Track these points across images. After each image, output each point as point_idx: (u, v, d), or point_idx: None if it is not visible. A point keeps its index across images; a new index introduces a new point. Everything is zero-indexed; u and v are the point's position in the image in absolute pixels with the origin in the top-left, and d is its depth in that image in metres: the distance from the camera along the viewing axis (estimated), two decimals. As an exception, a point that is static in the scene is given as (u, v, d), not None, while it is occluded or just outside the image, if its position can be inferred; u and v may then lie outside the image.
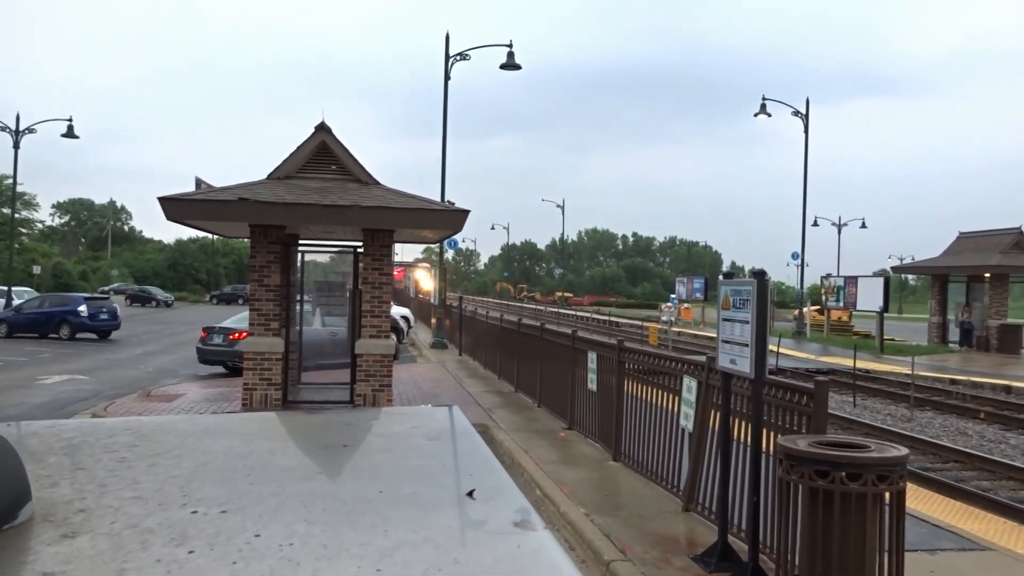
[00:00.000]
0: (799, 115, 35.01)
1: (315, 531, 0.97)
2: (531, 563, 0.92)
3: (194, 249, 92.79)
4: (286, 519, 1.01)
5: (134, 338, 30.09)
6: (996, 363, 25.03)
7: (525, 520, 1.01)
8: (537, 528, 0.97)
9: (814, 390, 5.21)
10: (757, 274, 5.31)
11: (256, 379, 11.72)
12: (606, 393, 9.38)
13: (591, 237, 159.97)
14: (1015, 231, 30.37)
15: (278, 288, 11.72)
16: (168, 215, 10.83)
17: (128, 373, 19.16)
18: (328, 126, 11.96)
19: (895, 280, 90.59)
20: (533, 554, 0.93)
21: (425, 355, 23.45)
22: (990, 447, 12.95)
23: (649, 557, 5.88)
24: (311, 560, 0.89)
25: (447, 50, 24.32)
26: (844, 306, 34.52)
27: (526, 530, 0.97)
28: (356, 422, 1.79)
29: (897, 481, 4.40)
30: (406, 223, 11.40)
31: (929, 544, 6.35)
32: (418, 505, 1.07)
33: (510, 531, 0.97)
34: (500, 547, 0.97)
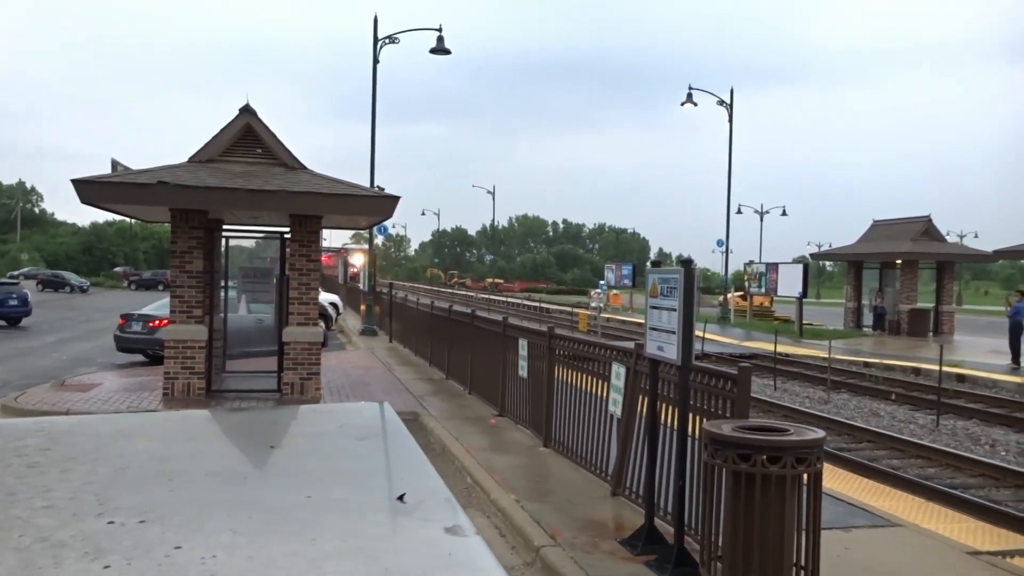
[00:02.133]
0: (723, 104, 35.76)
1: (240, 542, 0.94)
2: (463, 572, 0.91)
3: (111, 233, 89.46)
4: (209, 529, 0.97)
5: (46, 325, 28.82)
6: (907, 346, 26.20)
7: (456, 526, 1.00)
8: (468, 534, 0.97)
9: (737, 376, 5.35)
10: (684, 263, 5.41)
11: (178, 368, 11.40)
12: (537, 380, 9.45)
13: (522, 223, 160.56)
14: (925, 219, 31.75)
15: (201, 274, 11.40)
16: (82, 198, 10.40)
17: (40, 362, 18.36)
18: (253, 108, 11.65)
19: (814, 266, 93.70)
20: (464, 562, 0.93)
21: (355, 342, 23.18)
22: (900, 427, 13.56)
23: (578, 542, 5.97)
24: (236, 574, 0.86)
25: (375, 33, 23.96)
26: (766, 292, 35.56)
27: (457, 536, 0.97)
28: (283, 420, 1.75)
29: (814, 463, 4.57)
30: (334, 209, 11.22)
31: (844, 522, 6.62)
32: (347, 511, 1.05)
33: (442, 538, 0.97)
34: (431, 556, 0.96)
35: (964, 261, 37.38)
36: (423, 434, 10.46)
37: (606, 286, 44.71)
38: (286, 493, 1.17)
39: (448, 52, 24.56)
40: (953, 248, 34.97)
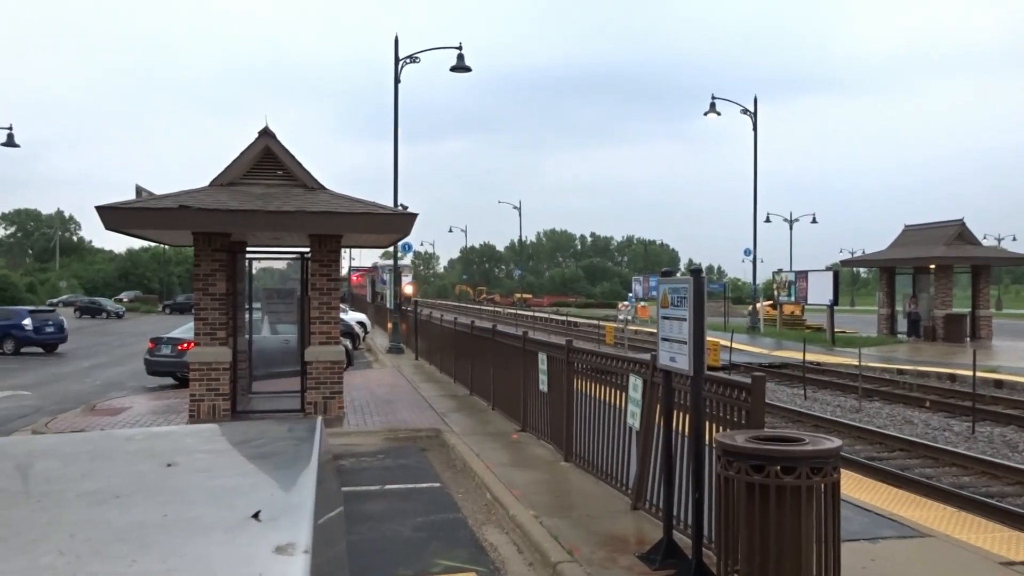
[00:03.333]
0: (748, 113, 35.53)
1: (58, 563, 0.93)
2: None
3: (146, 258, 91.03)
4: (38, 550, 0.96)
5: (82, 351, 29.35)
6: (942, 352, 25.66)
7: (290, 544, 0.98)
8: (295, 553, 0.94)
9: (751, 385, 5.25)
10: (693, 272, 5.34)
11: (203, 390, 11.50)
12: (557, 394, 9.38)
13: (549, 238, 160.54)
14: (958, 223, 31.18)
15: (224, 296, 11.51)
16: (106, 224, 10.58)
17: (73, 387, 18.67)
18: (272, 131, 11.79)
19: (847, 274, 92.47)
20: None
21: (381, 360, 23.26)
22: (935, 435, 13.25)
23: (596, 557, 5.88)
24: None
25: (396, 53, 24.20)
26: (795, 300, 35.10)
27: (281, 555, 0.94)
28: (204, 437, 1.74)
29: (830, 473, 4.45)
30: (353, 228, 11.28)
31: (871, 533, 6.45)
32: (190, 530, 1.04)
33: (264, 557, 0.94)
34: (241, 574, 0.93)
35: (1000, 264, 36.61)
36: (444, 451, 10.43)
37: (634, 298, 44.49)
38: (145, 512, 1.16)
39: (468, 70, 24.72)
40: (988, 251, 34.26)
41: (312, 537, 0.99)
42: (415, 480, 9.02)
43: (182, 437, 1.89)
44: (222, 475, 1.40)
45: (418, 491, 8.55)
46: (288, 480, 1.33)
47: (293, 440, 1.60)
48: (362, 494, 8.31)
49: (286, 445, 1.60)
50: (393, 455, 10.33)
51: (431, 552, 6.44)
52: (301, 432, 1.61)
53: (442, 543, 6.69)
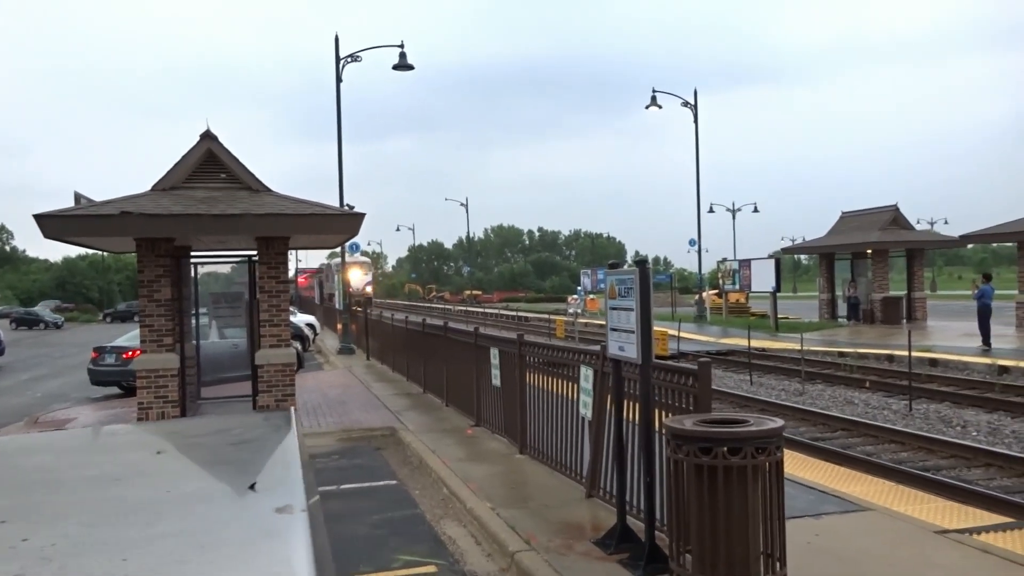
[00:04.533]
0: (688, 106, 36.14)
1: (82, 532, 1.01)
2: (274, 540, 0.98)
3: (84, 267, 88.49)
4: (59, 524, 1.05)
5: (20, 363, 28.47)
6: (881, 334, 26.54)
7: (288, 506, 1.07)
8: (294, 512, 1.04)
9: (697, 371, 5.44)
10: (639, 263, 5.50)
11: (151, 397, 11.31)
12: (510, 388, 9.50)
13: (497, 234, 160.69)
14: (892, 208, 32.23)
15: (169, 302, 11.33)
16: (46, 233, 10.32)
17: (13, 400, 18.13)
18: (214, 134, 11.64)
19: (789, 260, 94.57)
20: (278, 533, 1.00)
21: (332, 362, 23.11)
22: (874, 414, 13.75)
23: (552, 545, 6.01)
24: (64, 556, 0.94)
25: (337, 52, 24.01)
26: (740, 288, 35.87)
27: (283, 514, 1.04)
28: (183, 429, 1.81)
29: (774, 452, 4.65)
30: (300, 229, 11.22)
31: (815, 509, 6.72)
32: (197, 500, 1.13)
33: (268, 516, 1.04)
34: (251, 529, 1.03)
35: (933, 247, 37.92)
36: (400, 449, 10.47)
37: (583, 292, 44.90)
38: (149, 490, 1.24)
39: (411, 68, 24.66)
40: (921, 235, 35.49)
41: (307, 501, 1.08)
42: (372, 479, 9.06)
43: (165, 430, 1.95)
44: (212, 458, 1.48)
45: (375, 489, 8.59)
46: (276, 457, 1.41)
47: (272, 426, 1.69)
48: (319, 495, 8.32)
49: (265, 432, 1.69)
50: (348, 455, 10.33)
51: (391, 548, 6.51)
52: (278, 420, 1.70)
53: (401, 538, 6.76)
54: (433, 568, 6.05)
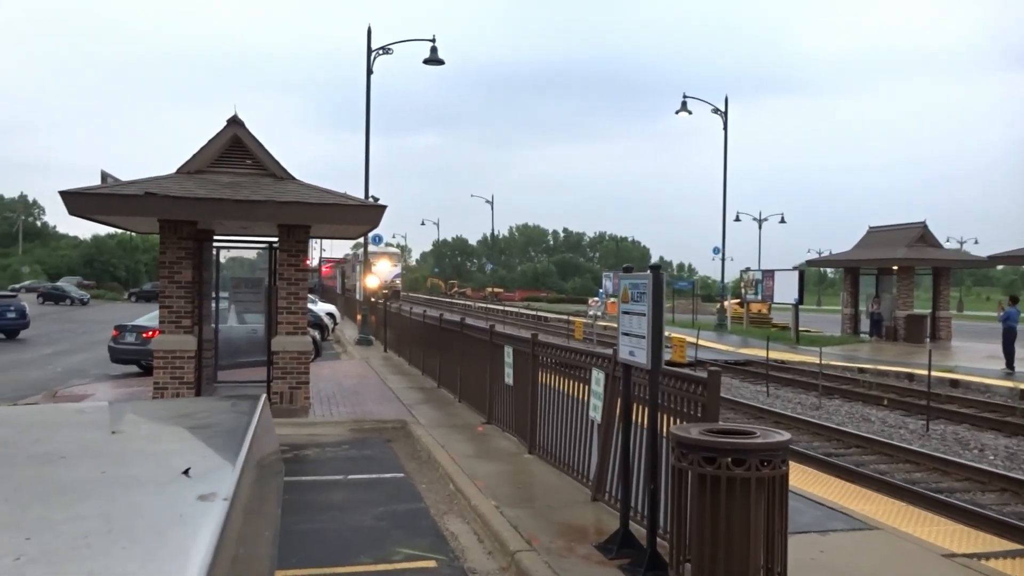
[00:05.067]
0: (718, 112, 35.90)
1: (4, 508, 1.03)
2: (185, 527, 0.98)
3: (112, 245, 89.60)
4: None
5: (44, 337, 28.91)
6: (902, 352, 26.20)
7: (211, 494, 1.08)
8: (214, 500, 1.04)
9: (707, 380, 5.39)
10: (652, 268, 5.46)
11: (167, 378, 11.44)
12: (522, 387, 9.48)
13: (522, 233, 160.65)
14: (920, 225, 31.80)
15: (189, 285, 11.45)
16: (70, 210, 10.47)
17: (34, 374, 18.41)
18: (241, 119, 11.73)
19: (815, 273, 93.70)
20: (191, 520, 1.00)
21: (350, 352, 23.23)
22: (891, 432, 13.57)
23: (554, 546, 5.99)
24: None
25: (369, 44, 24.10)
26: (762, 299, 35.58)
27: (203, 502, 1.04)
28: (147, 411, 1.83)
29: (779, 465, 4.60)
30: (321, 218, 11.29)
31: (822, 525, 6.64)
32: (126, 484, 1.14)
33: (187, 503, 1.05)
34: (167, 516, 1.03)
35: (961, 267, 37.42)
36: (410, 442, 10.49)
37: (605, 294, 44.77)
38: (86, 470, 1.25)
39: (441, 62, 24.70)
40: (949, 254, 35.00)
41: (235, 490, 1.08)
42: (379, 470, 9.09)
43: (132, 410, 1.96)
44: (162, 441, 1.49)
45: (382, 481, 8.62)
46: (221, 445, 1.42)
47: (234, 413, 1.70)
48: (325, 483, 8.36)
49: (227, 417, 1.70)
50: (358, 446, 10.37)
51: (392, 541, 6.52)
52: (243, 407, 1.70)
53: (404, 532, 6.77)
54: (433, 563, 6.05)
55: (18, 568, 0.86)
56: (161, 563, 0.89)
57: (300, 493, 7.71)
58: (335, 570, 5.80)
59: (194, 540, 0.93)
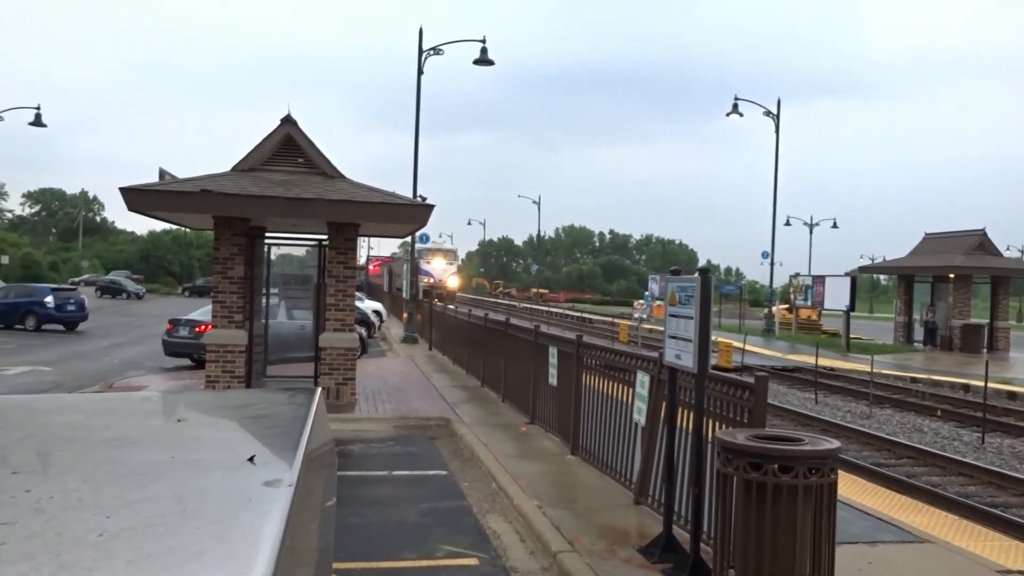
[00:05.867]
0: (770, 115, 35.38)
1: (83, 487, 1.08)
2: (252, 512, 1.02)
3: (167, 241, 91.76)
4: (65, 479, 1.13)
5: (101, 330, 29.79)
6: (958, 362, 25.50)
7: (276, 480, 1.11)
8: (280, 487, 1.07)
9: (754, 385, 5.33)
10: (701, 271, 5.42)
11: (219, 371, 11.69)
12: (565, 388, 9.48)
13: (568, 234, 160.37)
14: (979, 233, 30.93)
15: (242, 280, 11.70)
16: (130, 206, 10.77)
17: (92, 365, 18.99)
18: (294, 119, 11.95)
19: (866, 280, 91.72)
20: (259, 505, 1.04)
21: (395, 349, 23.46)
22: (944, 444, 13.23)
23: (596, 548, 5.98)
24: (56, 510, 1.01)
25: (420, 45, 24.31)
26: (812, 305, 34.96)
27: (269, 488, 1.08)
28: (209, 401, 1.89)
29: (828, 473, 4.52)
30: (370, 217, 11.43)
31: (871, 536, 6.51)
32: (195, 468, 1.19)
33: (254, 488, 1.08)
34: (236, 499, 1.07)
35: (1021, 276, 36.24)
36: (453, 440, 10.56)
37: (650, 297, 44.43)
38: (157, 454, 1.30)
39: (491, 63, 24.80)
40: (1009, 263, 33.95)
41: (298, 476, 1.13)
42: (423, 467, 9.17)
43: (194, 400, 2.03)
44: (225, 429, 1.54)
45: (425, 478, 8.70)
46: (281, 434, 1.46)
47: (292, 405, 1.75)
48: (370, 479, 8.47)
49: (285, 409, 1.75)
50: (402, 442, 10.48)
51: (435, 537, 6.58)
52: (300, 399, 1.75)
53: (446, 529, 6.82)
54: (475, 561, 6.09)
55: (102, 543, 0.90)
56: (234, 542, 0.93)
57: (346, 487, 7.83)
58: (380, 564, 5.87)
59: (264, 522, 0.97)
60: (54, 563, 0.86)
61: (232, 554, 0.90)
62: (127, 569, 0.85)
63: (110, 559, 0.88)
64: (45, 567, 0.85)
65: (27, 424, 1.52)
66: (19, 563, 0.85)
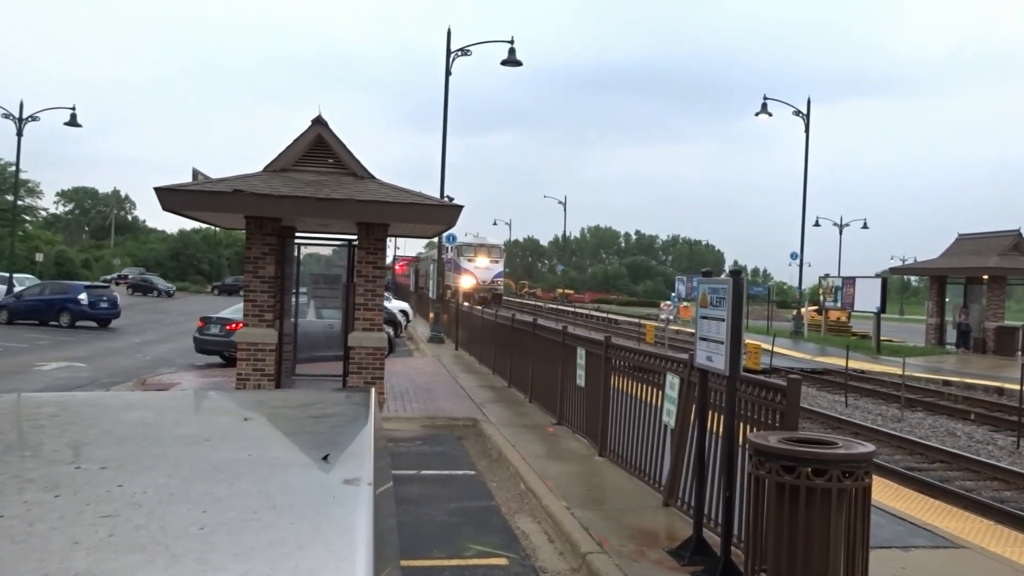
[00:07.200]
0: (800, 115, 35.03)
1: (171, 483, 1.12)
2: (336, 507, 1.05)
3: (197, 240, 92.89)
4: (152, 474, 1.17)
5: (134, 327, 30.25)
6: (991, 365, 25.07)
7: (355, 479, 1.14)
8: (360, 485, 1.10)
9: (787, 387, 5.30)
10: (733, 273, 5.40)
11: (249, 369, 11.82)
12: (593, 389, 9.47)
13: (594, 234, 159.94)
14: (1014, 233, 30.39)
15: (272, 280, 11.82)
16: (164, 205, 10.93)
17: (125, 361, 19.30)
18: (324, 120, 12.05)
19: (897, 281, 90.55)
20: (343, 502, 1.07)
21: (422, 349, 23.57)
22: (978, 448, 13.03)
23: (625, 550, 5.98)
24: (152, 503, 1.04)
25: (448, 46, 24.39)
26: (842, 306, 34.57)
27: (350, 485, 1.11)
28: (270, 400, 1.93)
29: (862, 477, 4.48)
30: (399, 217, 11.50)
31: (904, 541, 6.44)
32: (273, 466, 1.22)
33: (335, 486, 1.11)
34: (318, 496, 1.10)
35: (1058, 277, 35.51)
36: (481, 440, 10.60)
37: (677, 298, 44.21)
38: (233, 452, 1.33)
39: (519, 64, 24.82)
40: (1045, 264, 33.29)
41: (373, 474, 1.16)
42: (451, 467, 9.21)
43: (256, 398, 2.08)
44: (293, 428, 1.58)
45: (454, 478, 8.74)
46: (349, 433, 1.50)
47: (352, 405, 1.79)
48: (399, 478, 8.52)
49: (346, 408, 1.79)
50: (430, 442, 10.53)
51: (464, 537, 6.61)
52: (358, 399, 1.79)
53: (475, 529, 6.85)
54: (504, 561, 6.11)
55: (205, 536, 0.94)
56: (331, 536, 0.96)
57: (375, 486, 7.89)
58: (411, 563, 5.91)
59: (354, 518, 1.00)
60: (165, 555, 0.89)
61: (330, 548, 0.93)
62: (235, 562, 0.89)
63: (215, 552, 0.92)
64: (159, 558, 0.88)
65: (101, 420, 1.57)
66: (132, 554, 0.89)
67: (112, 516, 0.98)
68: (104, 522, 0.96)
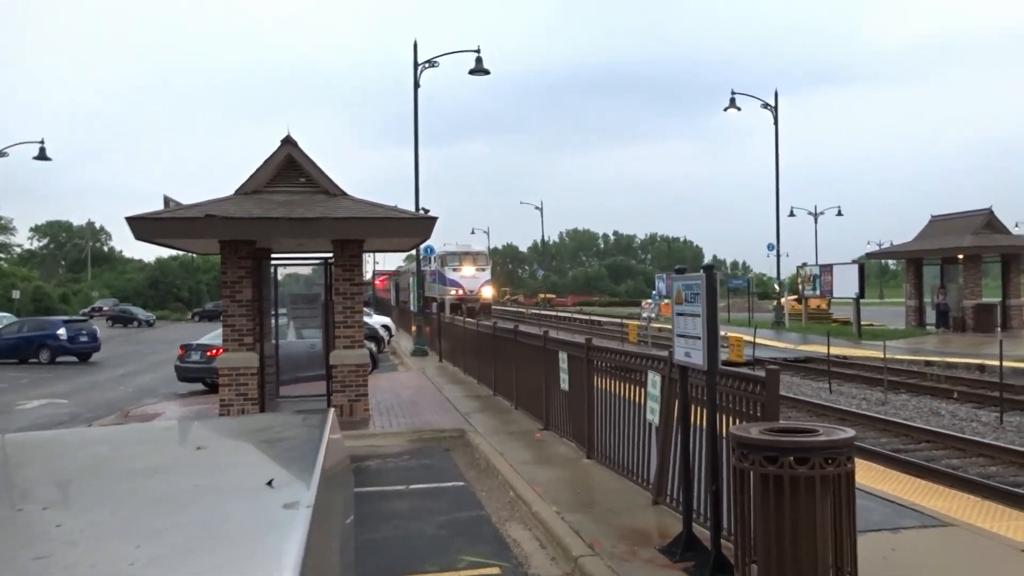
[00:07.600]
0: (768, 107, 35.35)
1: (112, 519, 1.12)
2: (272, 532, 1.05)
3: (175, 267, 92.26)
4: (92, 512, 1.17)
5: (114, 359, 29.93)
6: (972, 343, 25.37)
7: (295, 503, 1.14)
8: (298, 508, 1.10)
9: (766, 378, 5.33)
10: (705, 268, 5.43)
11: (232, 395, 11.74)
12: (578, 392, 9.48)
13: (572, 237, 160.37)
14: (986, 212, 30.79)
15: (251, 303, 11.75)
16: (136, 235, 10.85)
17: (107, 395, 19.09)
18: (294, 139, 12.02)
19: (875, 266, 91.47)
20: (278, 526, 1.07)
21: (406, 363, 23.50)
22: (962, 426, 13.16)
23: (617, 551, 5.97)
24: (88, 542, 1.04)
25: (415, 58, 24.42)
26: (821, 294, 34.86)
27: (287, 509, 1.11)
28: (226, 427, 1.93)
29: (844, 463, 4.52)
30: (374, 232, 11.48)
31: (893, 523, 6.48)
32: (217, 494, 1.22)
33: (273, 510, 1.12)
34: (255, 520, 1.09)
35: (1031, 252, 36.01)
36: (468, 450, 10.57)
37: (658, 296, 44.39)
38: (179, 482, 1.33)
39: (487, 72, 24.89)
40: (1019, 240, 33.75)
41: (315, 498, 1.16)
42: (439, 479, 9.17)
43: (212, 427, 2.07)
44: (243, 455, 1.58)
45: (442, 490, 8.70)
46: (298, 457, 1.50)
47: (306, 427, 1.79)
48: (388, 494, 8.48)
49: (300, 431, 1.79)
50: (418, 455, 10.49)
51: (456, 548, 6.58)
52: (313, 421, 1.80)
53: (466, 540, 6.82)
54: (497, 570, 6.09)
55: (135, 572, 0.93)
56: (259, 563, 0.96)
57: (365, 503, 7.84)
58: (401, 578, 5.88)
59: (286, 544, 1.00)
60: None
61: None
62: None
63: None
64: None
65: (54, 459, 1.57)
66: None
67: (45, 557, 0.98)
68: (35, 564, 0.96)
